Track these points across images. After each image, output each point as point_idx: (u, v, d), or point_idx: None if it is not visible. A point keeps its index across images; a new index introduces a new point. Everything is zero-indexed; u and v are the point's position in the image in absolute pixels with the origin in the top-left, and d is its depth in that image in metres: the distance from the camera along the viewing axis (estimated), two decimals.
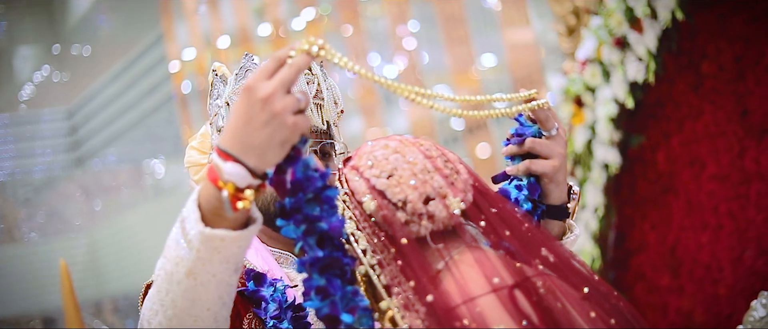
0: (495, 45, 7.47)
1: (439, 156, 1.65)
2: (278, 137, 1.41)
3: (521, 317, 1.47)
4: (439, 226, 1.60)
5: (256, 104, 1.40)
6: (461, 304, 1.47)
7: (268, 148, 1.41)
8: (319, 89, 2.08)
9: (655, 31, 3.95)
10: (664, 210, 4.33)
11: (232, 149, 1.41)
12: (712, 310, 4.05)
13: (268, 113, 1.39)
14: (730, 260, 3.98)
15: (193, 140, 2.26)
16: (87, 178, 14.75)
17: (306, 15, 9.67)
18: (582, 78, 4.35)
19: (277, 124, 1.40)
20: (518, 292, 1.50)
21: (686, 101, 4.14)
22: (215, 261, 1.47)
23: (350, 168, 1.67)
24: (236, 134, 1.41)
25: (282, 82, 1.41)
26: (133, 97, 12.83)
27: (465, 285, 1.51)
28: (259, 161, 1.42)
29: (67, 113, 14.88)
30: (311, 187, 1.48)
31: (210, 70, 2.18)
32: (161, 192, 13.35)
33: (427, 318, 1.47)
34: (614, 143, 4.31)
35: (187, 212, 1.48)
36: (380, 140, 1.69)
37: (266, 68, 1.43)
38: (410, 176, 1.60)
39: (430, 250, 1.59)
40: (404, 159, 1.62)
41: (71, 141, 14.86)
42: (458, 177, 1.64)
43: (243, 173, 1.41)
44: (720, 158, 4.01)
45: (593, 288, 1.57)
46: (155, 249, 6.25)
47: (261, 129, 1.40)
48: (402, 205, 1.58)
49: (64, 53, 14.76)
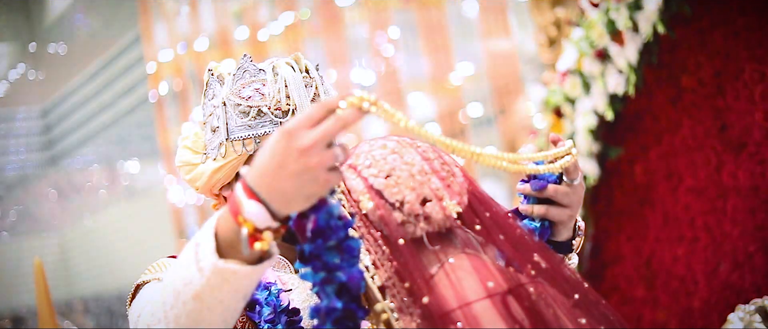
0: (474, 54, 7.49)
1: (436, 158, 1.66)
2: (307, 190, 1.38)
3: (514, 322, 1.48)
4: (435, 228, 1.61)
5: (293, 151, 1.35)
6: (457, 309, 1.47)
7: (294, 197, 1.39)
8: (317, 93, 2.09)
9: (636, 44, 3.96)
10: (640, 222, 4.34)
11: (258, 188, 1.39)
12: (686, 323, 4.06)
13: (302, 165, 1.35)
14: (704, 273, 4.00)
15: (186, 140, 2.25)
16: (60, 177, 14.68)
17: (285, 19, 9.66)
18: (562, 89, 4.36)
19: (309, 178, 1.36)
20: (511, 298, 1.51)
21: (665, 115, 4.16)
22: (225, 290, 1.45)
23: (348, 167, 1.68)
24: (265, 173, 1.38)
25: (324, 135, 1.35)
26: (109, 97, 12.78)
27: (461, 289, 1.51)
28: (283, 207, 1.39)
29: (42, 111, 14.80)
30: (334, 236, 1.44)
31: (206, 69, 2.17)
32: (135, 194, 13.29)
33: (421, 320, 1.47)
34: (593, 154, 4.33)
35: (202, 238, 1.46)
36: (378, 140, 1.69)
37: (311, 116, 1.38)
38: (408, 177, 1.61)
39: (425, 252, 1.59)
40: (402, 160, 1.63)
41: (45, 140, 14.78)
42: (454, 180, 1.65)
43: (264, 214, 1.39)
44: (697, 171, 4.03)
45: (583, 295, 1.58)
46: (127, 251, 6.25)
47: (292, 178, 1.36)
48: (399, 205, 1.59)
49: (40, 52, 14.68)
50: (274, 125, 2.03)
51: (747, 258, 3.81)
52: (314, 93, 2.08)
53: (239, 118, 2.04)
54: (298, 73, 2.07)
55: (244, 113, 2.04)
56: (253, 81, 2.06)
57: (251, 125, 2.03)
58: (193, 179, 2.18)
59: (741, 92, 3.80)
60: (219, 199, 2.24)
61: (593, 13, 4.13)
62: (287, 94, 2.04)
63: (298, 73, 2.07)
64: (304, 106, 2.04)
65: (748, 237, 3.81)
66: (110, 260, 12.57)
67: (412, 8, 8.09)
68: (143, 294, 1.93)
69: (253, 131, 2.04)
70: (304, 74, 2.09)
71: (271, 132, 2.03)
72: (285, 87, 2.04)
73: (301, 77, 2.07)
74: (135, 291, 2.03)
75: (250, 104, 2.04)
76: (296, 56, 2.12)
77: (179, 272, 1.50)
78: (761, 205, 3.75)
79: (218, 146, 2.09)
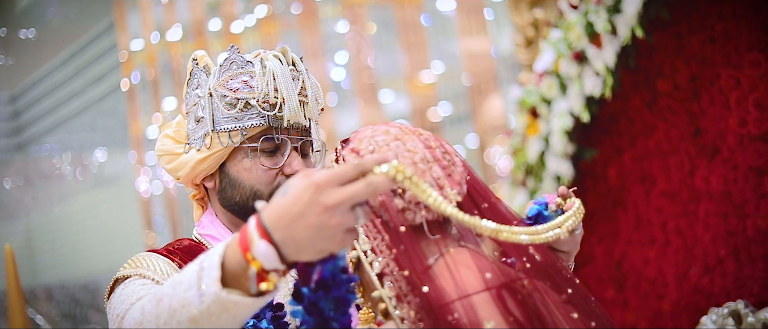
0: (450, 53, 7.51)
1: (438, 147, 1.67)
2: (320, 245, 1.37)
3: (509, 315, 1.49)
4: (434, 216, 1.61)
5: (316, 205, 1.35)
6: (455, 300, 1.48)
7: (306, 248, 1.38)
8: (303, 87, 2.11)
9: (614, 47, 3.98)
10: (612, 224, 4.37)
11: (272, 229, 1.38)
12: (655, 325, 4.09)
13: (322, 221, 1.35)
14: (675, 276, 4.03)
15: (168, 128, 2.25)
16: (28, 164, 14.54)
17: (259, 12, 9.63)
18: (538, 90, 4.38)
19: (325, 234, 1.36)
20: (506, 292, 1.52)
21: (640, 118, 4.19)
22: (223, 317, 1.44)
23: (350, 151, 1.68)
24: (283, 217, 1.37)
25: (351, 197, 1.35)
26: (80, 85, 12.68)
27: (459, 281, 1.51)
28: (292, 253, 1.39)
29: (11, 97, 14.67)
30: (336, 290, 1.45)
31: (190, 58, 2.17)
32: (102, 182, 13.20)
33: (419, 310, 1.48)
34: (567, 155, 4.35)
35: (208, 264, 1.44)
36: (381, 126, 1.70)
37: (343, 174, 1.38)
38: (410, 164, 1.61)
39: (425, 241, 1.59)
40: (405, 147, 1.63)
41: (13, 126, 14.64)
42: (455, 169, 1.66)
43: (274, 257, 1.38)
44: (671, 175, 4.06)
45: (575, 291, 1.60)
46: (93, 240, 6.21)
47: (308, 229, 1.36)
48: (401, 192, 1.58)
49: (11, 37, 14.52)
50: (261, 117, 2.04)
51: (717, 263, 3.84)
52: (301, 86, 2.09)
53: (226, 110, 2.05)
54: (286, 66, 2.08)
55: (231, 104, 2.05)
56: (241, 73, 2.06)
57: (238, 117, 2.05)
58: (175, 169, 2.18)
59: (716, 98, 3.83)
60: (199, 189, 2.24)
61: (572, 15, 4.15)
62: (275, 87, 2.05)
63: (285, 66, 2.08)
64: (291, 99, 2.05)
65: (720, 242, 3.84)
66: (77, 248, 12.47)
67: (389, 5, 8.08)
68: (125, 291, 1.91)
69: (240, 123, 2.05)
70: (291, 67, 2.10)
71: (257, 125, 2.05)
72: (273, 80, 2.05)
73: (289, 70, 2.08)
74: (113, 284, 2.01)
75: (237, 96, 2.04)
76: (283, 49, 2.13)
77: (178, 290, 1.48)
78: (733, 210, 3.78)
79: (203, 137, 2.09)
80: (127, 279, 1.97)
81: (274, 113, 2.04)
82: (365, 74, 8.49)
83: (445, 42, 7.54)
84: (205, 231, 2.19)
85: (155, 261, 2.01)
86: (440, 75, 7.82)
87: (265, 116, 2.05)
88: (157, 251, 2.08)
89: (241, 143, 2.07)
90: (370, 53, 8.43)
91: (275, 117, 2.05)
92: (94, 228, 12.05)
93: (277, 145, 2.09)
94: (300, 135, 2.12)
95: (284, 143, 2.09)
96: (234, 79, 2.06)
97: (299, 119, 2.07)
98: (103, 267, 10.28)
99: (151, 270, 1.97)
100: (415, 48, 7.82)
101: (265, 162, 2.08)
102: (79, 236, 12.45)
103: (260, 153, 2.08)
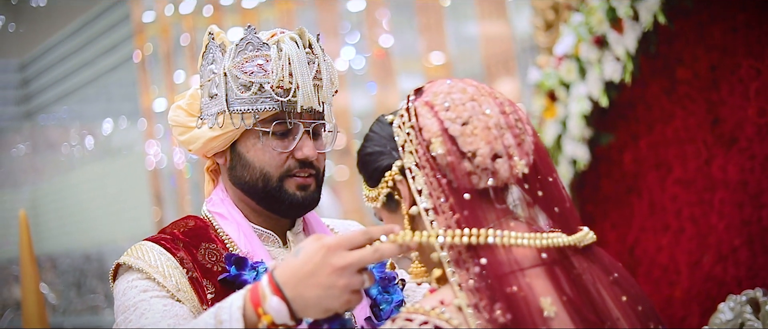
0: (467, 34, 7.48)
1: (512, 113, 1.64)
2: (327, 304, 1.49)
3: (562, 293, 1.50)
4: (499, 184, 1.59)
5: (327, 266, 1.47)
6: (511, 272, 1.49)
7: (313, 306, 1.49)
8: (318, 70, 2.12)
9: (635, 33, 3.98)
10: (626, 210, 4.38)
11: (284, 286, 1.50)
12: (666, 312, 4.10)
13: (330, 281, 1.47)
14: (688, 264, 4.04)
15: (181, 100, 2.26)
16: (36, 132, 14.54)
17: None
18: (557, 73, 4.38)
19: (332, 294, 1.47)
20: (558, 269, 1.54)
21: (658, 104, 4.19)
22: None
23: (424, 104, 1.63)
24: (294, 275, 1.49)
25: (359, 261, 1.48)
26: (91, 54, 12.64)
27: (517, 253, 1.53)
28: (300, 310, 1.50)
29: (20, 65, 14.64)
30: None
31: (206, 32, 2.17)
32: (110, 153, 13.18)
33: (477, 279, 1.49)
34: (585, 140, 4.35)
35: (228, 316, 1.54)
36: (457, 82, 1.66)
37: (353, 239, 1.50)
38: (484, 128, 1.58)
39: (488, 208, 1.59)
40: (481, 110, 1.60)
41: (22, 94, 14.62)
42: (526, 138, 1.63)
43: (284, 312, 1.49)
44: (687, 163, 4.06)
45: (621, 275, 1.61)
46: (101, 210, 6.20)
47: (317, 288, 1.47)
48: (471, 156, 1.56)
49: (21, 4, 14.47)
50: (274, 102, 2.06)
51: (731, 252, 3.85)
52: (316, 70, 2.10)
53: (240, 91, 2.07)
54: (302, 49, 2.09)
55: (246, 87, 2.07)
56: (257, 56, 2.07)
57: (251, 100, 2.07)
58: (187, 142, 2.21)
59: (736, 87, 3.83)
60: (212, 161, 2.27)
61: (594, 0, 4.15)
62: (290, 72, 2.06)
63: (301, 50, 2.08)
64: (306, 85, 2.06)
65: (734, 231, 3.85)
66: (82, 218, 12.46)
67: None
68: (128, 293, 1.97)
69: (253, 106, 2.07)
70: (308, 50, 2.10)
71: (270, 109, 2.07)
72: (288, 65, 2.06)
73: (305, 53, 2.09)
74: (116, 269, 2.07)
75: (251, 80, 2.06)
76: (300, 30, 2.13)
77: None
78: (749, 200, 3.79)
79: (216, 115, 2.11)
80: (129, 269, 2.02)
81: (288, 98, 2.06)
82: (380, 54, 8.46)
83: (464, 24, 7.51)
84: (214, 209, 2.20)
85: (158, 257, 2.02)
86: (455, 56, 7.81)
87: (278, 101, 2.06)
88: (160, 240, 2.09)
89: (253, 125, 2.09)
90: (386, 33, 8.40)
91: (288, 102, 2.07)
92: (101, 199, 12.05)
93: (289, 129, 2.11)
94: (312, 118, 2.13)
95: (296, 126, 2.10)
96: (249, 61, 2.07)
97: (313, 103, 2.09)
98: (108, 237, 10.26)
99: (153, 267, 1.99)
100: (431, 29, 7.80)
101: (276, 145, 2.10)
102: (85, 205, 12.44)
103: (272, 136, 2.10)
